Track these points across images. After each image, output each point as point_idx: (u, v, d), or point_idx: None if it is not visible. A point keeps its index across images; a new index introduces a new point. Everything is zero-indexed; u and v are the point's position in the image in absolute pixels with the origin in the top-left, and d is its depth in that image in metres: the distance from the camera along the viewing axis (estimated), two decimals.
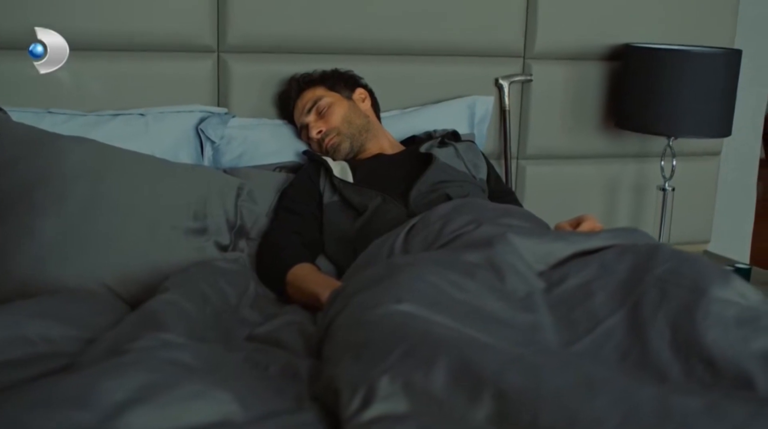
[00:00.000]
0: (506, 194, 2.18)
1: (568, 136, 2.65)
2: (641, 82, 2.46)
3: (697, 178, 2.83)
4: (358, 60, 2.38)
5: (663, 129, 2.47)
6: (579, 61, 2.62)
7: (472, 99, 2.47)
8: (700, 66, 2.41)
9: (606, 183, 2.73)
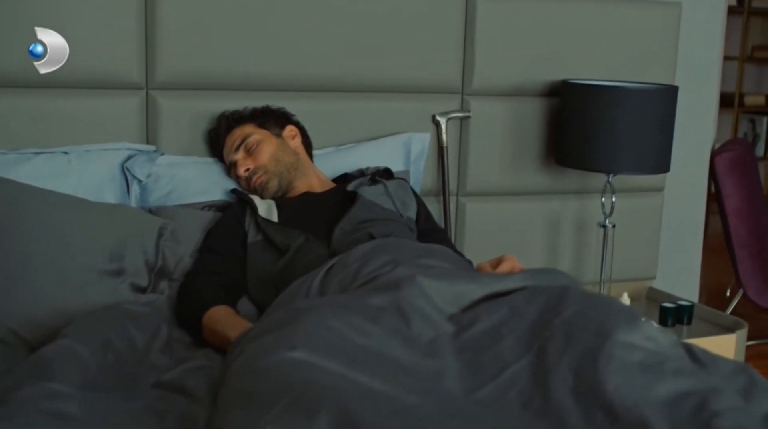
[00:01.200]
0: (436, 232, 2.15)
1: (508, 172, 2.63)
2: (579, 118, 2.44)
3: (641, 214, 2.82)
4: (292, 97, 2.35)
5: (601, 166, 2.45)
6: (518, 98, 2.60)
7: (408, 136, 2.44)
8: (636, 102, 2.40)
9: (548, 219, 2.70)
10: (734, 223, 3.24)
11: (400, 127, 2.47)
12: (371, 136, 2.44)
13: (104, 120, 2.21)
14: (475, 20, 2.50)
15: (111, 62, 2.19)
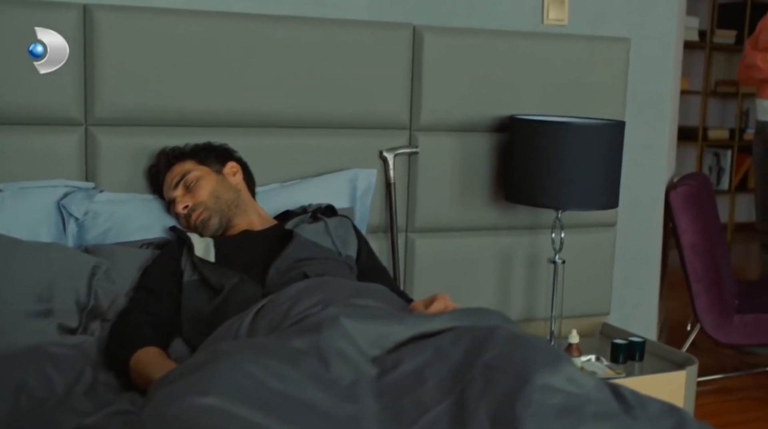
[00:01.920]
0: (377, 271, 2.12)
1: (458, 208, 2.61)
2: (526, 154, 2.43)
3: (593, 250, 2.80)
4: (235, 133, 2.32)
5: (549, 202, 2.44)
6: (466, 133, 2.59)
7: (354, 172, 2.42)
8: (583, 138, 2.39)
9: (499, 255, 2.68)
10: (690, 257, 3.23)
11: (346, 163, 2.44)
12: (317, 172, 2.42)
13: (42, 157, 2.17)
14: (422, 55, 2.50)
15: (49, 98, 2.15)
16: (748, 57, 3.87)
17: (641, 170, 3.00)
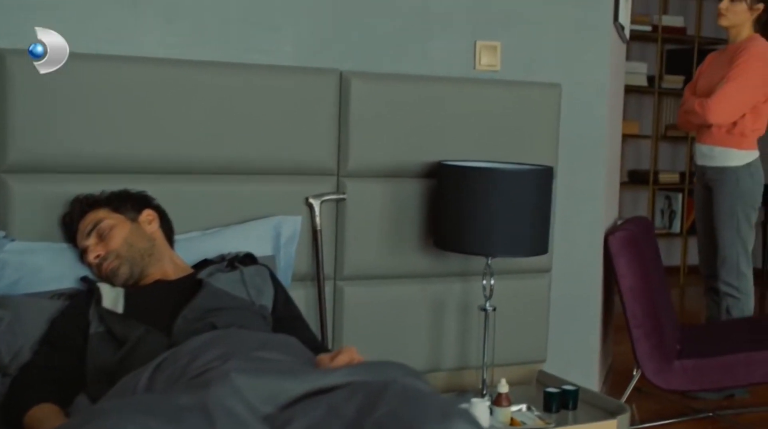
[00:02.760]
0: (293, 321, 2.07)
1: (388, 255, 2.57)
2: (454, 201, 2.41)
3: (528, 296, 2.77)
4: (156, 179, 2.28)
5: (477, 249, 2.41)
6: (396, 179, 2.56)
7: (278, 219, 2.37)
8: (510, 184, 2.37)
9: (431, 303, 2.64)
10: (629, 302, 3.21)
11: (271, 210, 2.40)
12: (240, 219, 2.37)
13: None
14: (349, 101, 2.48)
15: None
16: (687, 102, 3.90)
17: (578, 215, 2.99)
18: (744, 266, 3.83)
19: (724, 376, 3.16)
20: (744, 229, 3.82)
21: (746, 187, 3.82)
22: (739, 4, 3.77)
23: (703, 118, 3.74)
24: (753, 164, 3.84)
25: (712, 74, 3.89)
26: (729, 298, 3.83)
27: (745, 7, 3.78)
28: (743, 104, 3.73)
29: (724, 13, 3.80)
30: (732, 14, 3.79)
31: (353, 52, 2.56)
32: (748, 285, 3.84)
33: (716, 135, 3.83)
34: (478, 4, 2.74)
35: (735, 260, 3.82)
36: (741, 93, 3.70)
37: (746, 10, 3.78)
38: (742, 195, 3.81)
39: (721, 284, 3.85)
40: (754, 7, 3.79)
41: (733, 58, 3.77)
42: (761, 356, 3.14)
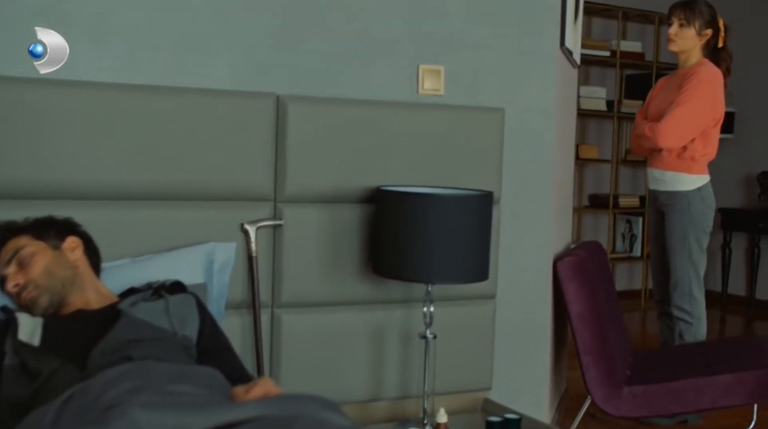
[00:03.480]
0: (220, 351, 2.01)
1: (327, 282, 2.52)
2: (392, 227, 2.36)
3: (472, 323, 2.73)
4: (85, 205, 2.22)
5: (416, 276, 2.36)
6: (335, 204, 2.52)
7: (211, 246, 2.32)
8: (449, 210, 2.33)
9: (372, 330, 2.59)
10: (578, 328, 3.19)
11: (204, 237, 2.35)
12: (172, 246, 2.31)
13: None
14: (286, 125, 2.44)
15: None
16: (639, 127, 3.91)
17: (524, 241, 2.96)
18: (696, 291, 3.82)
19: (672, 402, 3.14)
20: (695, 254, 3.82)
21: (697, 211, 3.82)
22: (688, 30, 3.80)
23: (654, 143, 3.75)
24: (704, 188, 3.86)
25: (662, 99, 3.91)
26: (681, 322, 3.82)
27: (693, 32, 3.81)
28: (693, 129, 3.74)
29: (674, 38, 3.84)
30: (681, 40, 3.82)
31: (292, 76, 2.52)
32: (700, 310, 3.84)
33: (667, 159, 3.84)
34: (421, 28, 2.72)
35: (687, 285, 3.81)
36: (690, 117, 3.72)
37: (695, 35, 3.82)
38: (694, 219, 3.82)
39: (674, 309, 3.84)
40: (702, 32, 3.82)
41: (682, 83, 3.79)
42: (709, 382, 3.12)
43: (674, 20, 3.82)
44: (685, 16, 3.80)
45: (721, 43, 3.90)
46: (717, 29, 3.87)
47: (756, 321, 6.54)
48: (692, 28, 3.80)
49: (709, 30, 3.83)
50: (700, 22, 3.80)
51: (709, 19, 3.82)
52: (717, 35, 3.88)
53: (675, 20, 3.82)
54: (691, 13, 3.79)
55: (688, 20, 3.79)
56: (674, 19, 3.82)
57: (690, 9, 3.80)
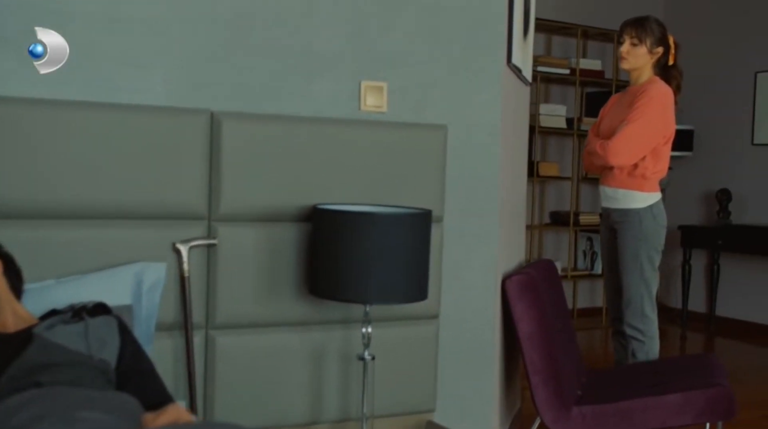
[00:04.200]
0: (141, 374, 1.93)
1: (264, 302, 2.46)
2: (329, 246, 2.32)
3: (416, 343, 2.69)
4: (8, 224, 2.15)
5: (352, 296, 2.31)
6: (272, 223, 2.47)
7: (140, 266, 2.26)
8: (385, 228, 2.29)
9: (310, 352, 2.54)
10: (527, 348, 3.14)
11: (135, 256, 2.29)
12: (101, 266, 2.24)
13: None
14: (221, 141, 2.39)
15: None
16: (591, 144, 3.90)
17: (470, 259, 2.92)
18: (648, 309, 3.80)
19: (621, 423, 3.10)
20: (648, 272, 3.79)
21: (649, 229, 3.80)
22: (640, 48, 3.80)
23: (604, 160, 3.74)
24: (655, 206, 3.84)
25: (613, 116, 3.90)
26: (634, 341, 3.79)
27: (645, 50, 3.81)
28: (643, 146, 3.73)
29: (626, 56, 3.83)
30: (633, 58, 3.82)
31: (230, 92, 2.47)
32: (652, 328, 3.80)
33: (618, 177, 3.82)
34: (364, 44, 2.69)
35: (639, 303, 3.78)
36: (641, 135, 3.71)
37: (647, 53, 3.82)
38: (645, 237, 3.80)
39: (626, 327, 3.81)
40: (654, 50, 3.82)
41: (633, 101, 3.78)
42: (658, 402, 3.08)
43: (626, 38, 3.82)
44: (636, 34, 3.80)
45: (672, 60, 3.90)
46: (668, 47, 3.87)
47: (717, 337, 6.55)
48: (644, 46, 3.80)
49: (660, 48, 3.83)
50: (651, 39, 3.80)
51: (659, 36, 3.83)
52: (668, 53, 3.88)
53: (627, 38, 3.82)
54: (643, 31, 3.80)
55: (640, 38, 3.79)
56: (626, 37, 3.82)
57: (641, 27, 3.81)
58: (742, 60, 6.60)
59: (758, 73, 6.48)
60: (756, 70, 6.50)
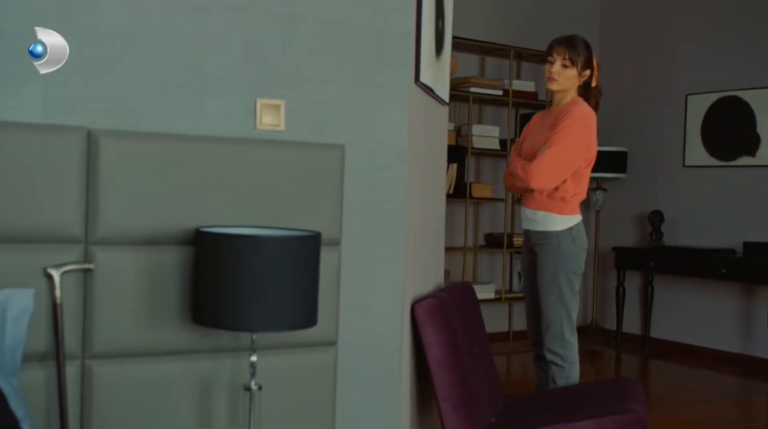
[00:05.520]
0: None
1: (146, 330, 2.34)
2: (211, 271, 2.20)
3: (312, 371, 2.58)
4: None
5: (236, 324, 2.19)
6: (155, 247, 2.35)
7: (5, 293, 2.12)
8: (270, 252, 2.18)
9: (197, 382, 2.41)
10: (436, 374, 3.05)
11: (2, 282, 2.15)
12: None
13: None
14: (98, 161, 2.27)
15: None
16: (512, 164, 3.85)
17: (374, 283, 2.82)
18: (568, 333, 3.74)
19: None
20: (567, 296, 3.74)
21: (568, 252, 3.76)
22: (571, 70, 3.77)
23: (525, 183, 3.69)
24: (575, 229, 3.80)
25: (536, 136, 3.86)
26: (554, 366, 3.73)
27: (576, 73, 3.78)
28: (565, 170, 3.69)
29: (556, 77, 3.78)
30: (563, 80, 3.78)
31: (110, 109, 2.35)
32: (572, 353, 3.75)
33: (539, 199, 3.78)
34: (260, 60, 2.59)
35: (559, 327, 3.73)
36: (563, 159, 3.66)
37: (576, 76, 3.79)
38: (565, 260, 3.75)
39: (546, 352, 3.75)
40: (583, 73, 3.80)
41: (556, 122, 3.74)
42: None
43: (557, 58, 3.76)
44: (569, 56, 3.75)
45: (594, 82, 3.88)
46: (593, 68, 3.85)
47: (651, 359, 6.54)
48: (575, 68, 3.77)
49: (587, 71, 3.81)
50: (581, 61, 3.77)
51: (587, 58, 3.80)
52: (592, 74, 3.86)
53: (558, 58, 3.76)
54: (575, 53, 3.75)
55: (572, 60, 3.75)
56: (557, 56, 3.76)
57: (573, 48, 3.76)
58: (674, 82, 6.65)
59: (689, 95, 6.53)
60: (687, 92, 6.55)
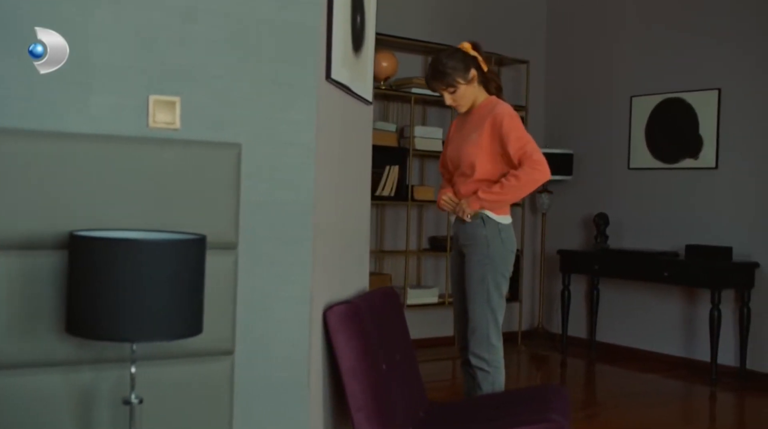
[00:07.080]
0: None
1: (18, 340, 2.19)
2: (84, 277, 2.06)
3: (206, 383, 2.44)
4: None
5: (110, 334, 2.05)
6: (28, 252, 2.21)
7: None
8: (149, 257, 2.04)
9: (78, 395, 2.27)
10: (348, 383, 2.93)
11: None
12: None
13: None
14: None
15: None
16: (511, 181, 3.77)
17: (282, 289, 2.69)
18: (494, 338, 3.65)
19: None
20: (494, 299, 3.65)
21: (497, 253, 3.67)
22: (459, 89, 3.76)
23: (544, 178, 3.64)
24: (504, 230, 3.71)
25: (463, 136, 3.79)
26: (479, 371, 3.63)
27: (464, 86, 3.75)
28: None
29: (456, 104, 3.82)
30: (461, 99, 3.81)
31: None
32: (498, 357, 3.65)
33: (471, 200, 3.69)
34: (153, 55, 2.45)
35: (485, 331, 3.63)
36: (533, 142, 3.66)
37: (467, 87, 3.76)
38: (493, 262, 3.66)
39: (471, 356, 3.65)
40: (469, 79, 3.75)
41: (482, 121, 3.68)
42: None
43: (440, 92, 3.80)
44: (446, 85, 3.76)
45: (485, 67, 3.81)
46: (475, 61, 3.77)
47: (597, 363, 6.48)
48: (460, 85, 3.74)
49: (471, 71, 3.74)
50: (459, 75, 3.72)
51: (463, 65, 3.73)
52: (479, 65, 3.78)
53: (441, 92, 3.80)
54: (449, 78, 3.73)
55: (451, 84, 3.74)
56: (439, 91, 3.81)
57: (443, 76, 3.74)
58: (619, 84, 6.60)
59: (633, 97, 6.48)
60: (631, 94, 6.50)
